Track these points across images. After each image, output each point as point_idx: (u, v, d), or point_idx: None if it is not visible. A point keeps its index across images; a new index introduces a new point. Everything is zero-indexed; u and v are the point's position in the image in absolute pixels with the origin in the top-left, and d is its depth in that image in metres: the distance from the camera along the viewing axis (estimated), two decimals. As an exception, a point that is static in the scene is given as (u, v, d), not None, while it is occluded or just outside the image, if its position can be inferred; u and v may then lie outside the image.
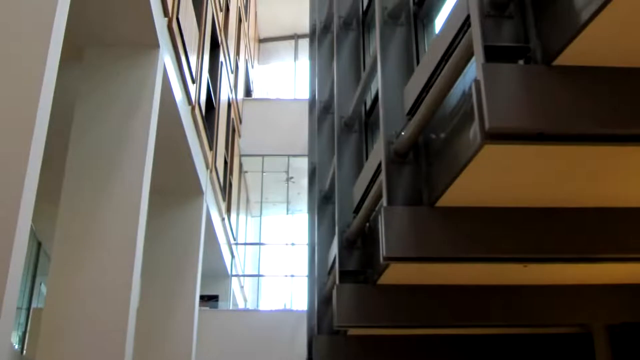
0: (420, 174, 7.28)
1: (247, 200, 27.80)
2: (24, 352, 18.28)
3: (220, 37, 17.44)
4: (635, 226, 6.81)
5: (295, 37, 31.14)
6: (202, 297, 19.34)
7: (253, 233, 28.97)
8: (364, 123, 11.76)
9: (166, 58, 10.53)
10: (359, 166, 11.31)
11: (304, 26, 25.49)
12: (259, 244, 28.79)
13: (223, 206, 19.07)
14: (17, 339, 18.22)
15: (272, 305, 26.45)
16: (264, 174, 26.51)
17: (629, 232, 6.85)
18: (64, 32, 5.77)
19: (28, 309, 18.78)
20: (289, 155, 25.26)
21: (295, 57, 31.35)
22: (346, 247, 10.03)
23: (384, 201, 7.38)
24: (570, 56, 4.89)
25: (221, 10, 17.60)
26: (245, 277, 26.19)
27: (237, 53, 22.36)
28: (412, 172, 7.37)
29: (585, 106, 5.04)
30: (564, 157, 5.57)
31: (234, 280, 23.19)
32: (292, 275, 25.17)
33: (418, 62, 8.36)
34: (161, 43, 10.00)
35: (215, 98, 16.84)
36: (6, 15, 5.51)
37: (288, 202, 28.49)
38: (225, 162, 19.53)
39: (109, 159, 9.44)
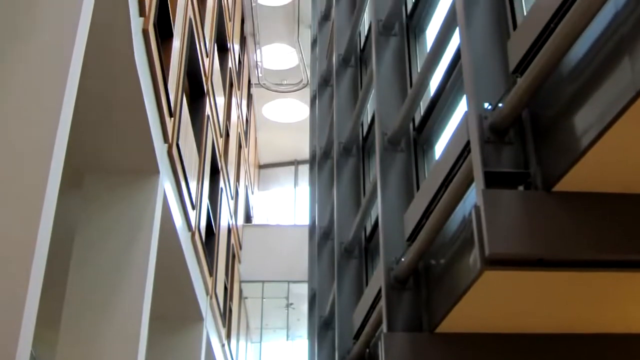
0: (421, 299, 7.23)
1: (247, 326, 27.53)
2: None
3: (221, 163, 17.57)
4: (636, 352, 6.71)
5: (295, 163, 31.39)
6: None
7: (253, 359, 28.58)
8: (364, 248, 11.74)
9: (166, 184, 10.57)
10: (359, 292, 11.24)
11: (304, 152, 25.72)
12: (259, 371, 28.41)
13: (223, 332, 18.86)
14: None
15: None
16: (264, 300, 26.33)
17: (630, 359, 6.74)
18: (63, 158, 5.80)
19: None
20: (289, 282, 25.15)
21: (295, 183, 31.53)
22: (347, 374, 9.89)
23: (384, 327, 7.30)
24: (570, 182, 4.91)
25: (221, 136, 17.78)
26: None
27: (237, 179, 22.50)
28: (412, 298, 7.32)
29: (585, 232, 5.03)
30: (565, 283, 5.53)
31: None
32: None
33: (418, 188, 8.40)
34: (161, 169, 10.06)
35: (215, 224, 16.85)
36: (6, 141, 5.55)
37: (288, 328, 28.22)
38: (225, 288, 19.41)
39: (109, 285, 9.39)
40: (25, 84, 5.69)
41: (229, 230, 20.37)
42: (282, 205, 31.96)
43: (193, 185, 12.78)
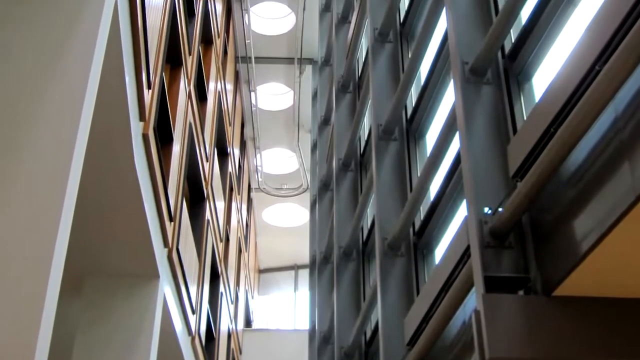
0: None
1: None
2: None
3: (221, 267, 17.52)
4: None
5: (295, 267, 31.27)
6: None
7: None
8: (364, 353, 11.62)
9: (166, 288, 10.53)
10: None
11: (304, 256, 25.66)
12: None
13: None
14: None
15: None
16: (264, 404, 25.90)
17: None
18: (63, 263, 5.79)
19: None
20: (289, 387, 24.80)
21: (295, 288, 31.36)
22: None
23: None
24: (570, 287, 4.89)
25: (221, 241, 17.77)
26: None
27: (237, 283, 22.39)
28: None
29: (585, 337, 4.99)
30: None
31: None
32: None
33: (418, 292, 8.36)
34: (161, 273, 10.03)
35: (215, 328, 16.72)
36: (5, 245, 5.54)
37: None
38: (224, 394, 19.15)
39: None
40: (25, 188, 5.71)
41: (229, 335, 20.18)
42: (282, 310, 31.73)
43: (193, 289, 12.72)
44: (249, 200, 27.01)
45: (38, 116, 5.91)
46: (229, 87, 19.67)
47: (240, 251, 23.21)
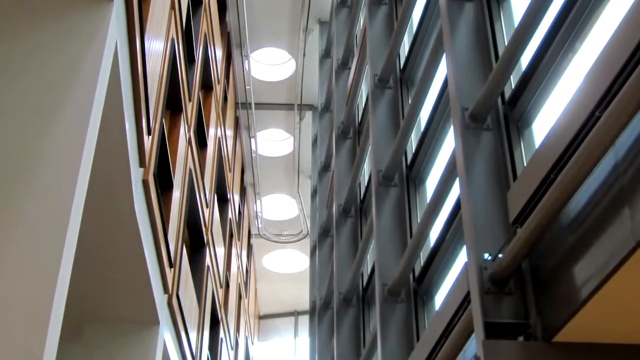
0: None
1: None
2: None
3: (221, 313, 17.44)
4: None
5: (295, 313, 31.14)
6: None
7: None
8: (365, 401, 11.54)
9: (166, 334, 10.47)
10: None
11: (304, 303, 25.56)
12: None
13: None
14: None
15: None
16: None
17: None
18: (63, 310, 5.77)
19: None
20: None
21: (295, 334, 31.20)
22: None
23: None
24: (570, 333, 4.88)
25: (221, 287, 17.71)
26: None
27: (237, 329, 22.28)
28: None
29: (587, 383, 4.97)
30: None
31: None
32: None
33: (418, 339, 8.32)
34: (161, 320, 9.98)
35: (214, 375, 16.62)
36: (4, 295, 5.52)
37: None
38: None
39: None
40: (25, 234, 5.70)
41: (228, 382, 20.05)
42: (282, 356, 31.55)
43: (193, 335, 12.65)
44: (249, 246, 26.96)
45: (38, 162, 5.92)
46: (229, 133, 19.72)
47: (240, 297, 23.13)
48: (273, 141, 23.80)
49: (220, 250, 17.21)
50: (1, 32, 6.21)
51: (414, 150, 9.95)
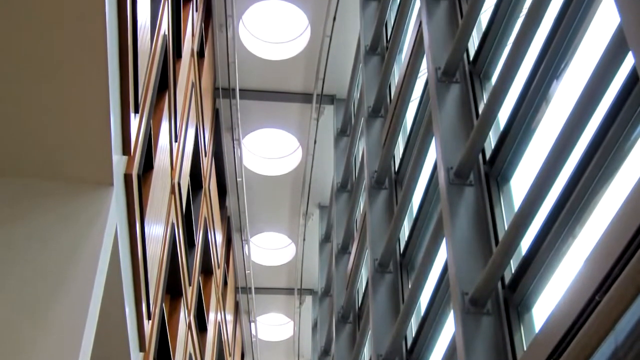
0: None
1: None
2: None
3: None
4: None
5: None
6: None
7: None
8: None
9: None
10: None
11: None
12: None
13: None
14: None
15: None
16: None
17: None
18: None
19: None
20: None
21: None
22: None
23: None
24: None
25: None
26: None
27: None
28: None
29: None
30: None
31: None
32: None
33: None
34: None
35: None
36: None
37: None
38: None
39: None
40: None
41: None
42: None
43: None
44: None
45: (38, 346, 5.87)
46: (229, 317, 19.63)
47: None
48: (273, 325, 23.65)
49: None
50: (2, 215, 6.28)
51: (414, 335, 9.87)
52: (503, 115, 7.35)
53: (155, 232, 8.73)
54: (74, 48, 5.46)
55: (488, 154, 7.60)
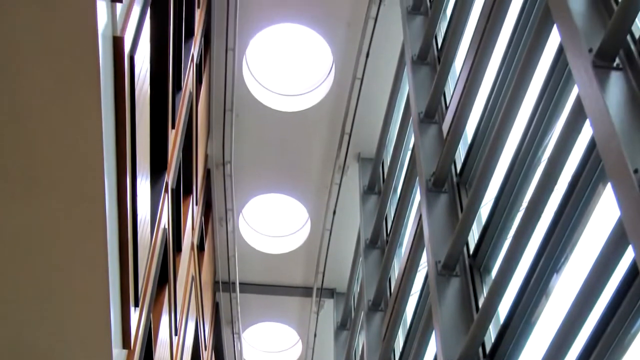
0: None
1: None
2: None
3: None
4: None
5: None
6: None
7: None
8: None
9: None
10: None
11: None
12: None
13: None
14: None
15: None
16: None
17: None
18: None
19: None
20: None
21: None
22: None
23: None
24: None
25: None
26: None
27: None
28: None
29: None
30: None
31: None
32: None
33: None
34: None
35: None
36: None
37: None
38: None
39: None
40: None
41: None
42: None
43: None
44: None
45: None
46: None
47: None
48: None
49: None
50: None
51: None
52: (503, 309, 7.33)
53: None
54: (74, 246, 5.50)
55: (488, 348, 7.55)
